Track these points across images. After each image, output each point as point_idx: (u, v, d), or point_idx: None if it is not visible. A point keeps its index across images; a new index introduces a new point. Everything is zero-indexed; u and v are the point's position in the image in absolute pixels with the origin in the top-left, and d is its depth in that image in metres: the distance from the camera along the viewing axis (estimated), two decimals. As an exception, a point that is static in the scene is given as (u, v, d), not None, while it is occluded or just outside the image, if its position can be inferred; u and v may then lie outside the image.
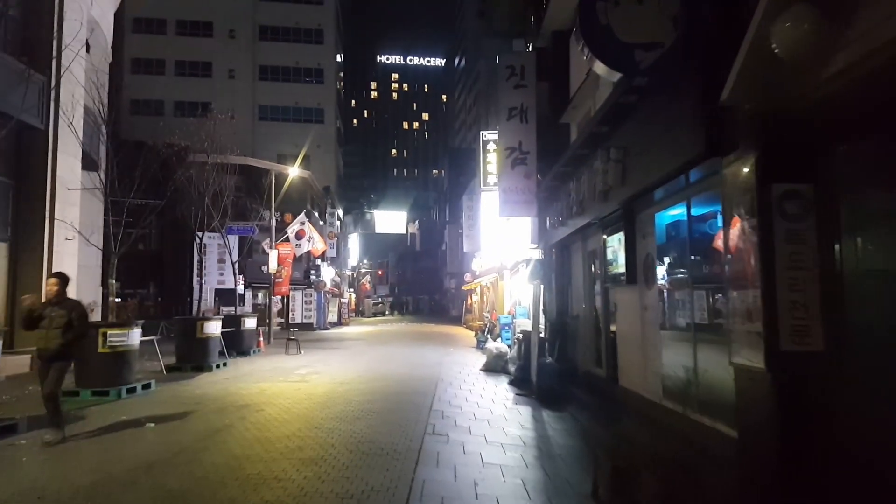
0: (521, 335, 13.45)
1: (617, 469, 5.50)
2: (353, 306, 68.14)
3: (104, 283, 16.33)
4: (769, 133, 4.41)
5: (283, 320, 34.25)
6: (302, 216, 22.04)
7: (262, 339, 19.64)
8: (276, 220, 24.86)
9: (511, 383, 12.38)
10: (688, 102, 5.44)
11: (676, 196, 7.00)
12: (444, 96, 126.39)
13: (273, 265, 21.74)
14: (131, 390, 10.19)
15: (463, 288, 44.48)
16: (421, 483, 5.33)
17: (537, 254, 15.00)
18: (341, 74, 65.70)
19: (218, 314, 27.96)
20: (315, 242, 22.30)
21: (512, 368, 14.05)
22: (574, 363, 11.84)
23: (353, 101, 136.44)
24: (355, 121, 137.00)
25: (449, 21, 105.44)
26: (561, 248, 12.58)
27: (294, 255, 22.62)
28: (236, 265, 20.21)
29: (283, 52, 53.91)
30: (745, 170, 4.61)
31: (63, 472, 5.58)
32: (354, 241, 67.12)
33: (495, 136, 22.44)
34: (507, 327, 20.87)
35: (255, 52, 53.57)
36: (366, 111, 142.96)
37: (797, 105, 4.18)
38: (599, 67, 6.19)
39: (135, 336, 10.39)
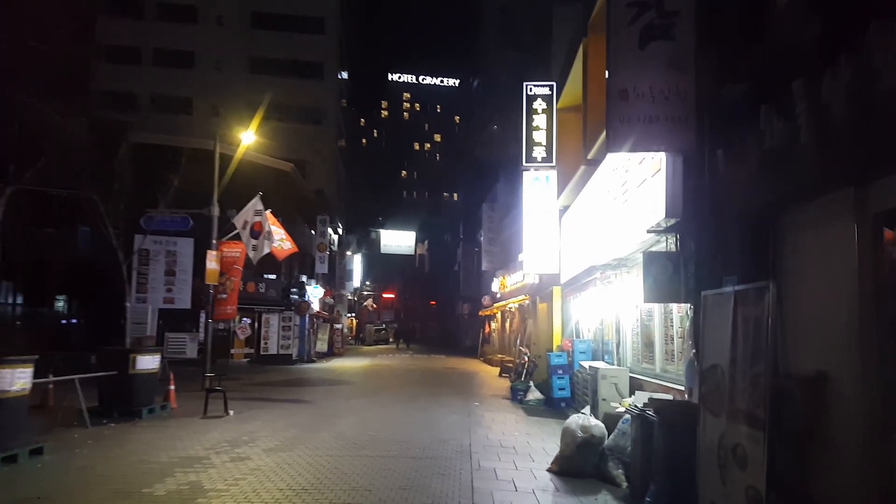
0: (645, 409, 6.14)
1: None
2: (353, 333, 60.93)
3: None
4: None
5: (251, 351, 26.94)
6: (255, 201, 14.83)
7: (173, 387, 12.33)
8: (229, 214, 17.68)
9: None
10: None
11: None
12: (457, 118, 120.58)
13: (212, 271, 14.57)
14: None
15: (480, 314, 37.16)
16: None
17: (654, 242, 7.80)
18: (343, 75, 59.03)
19: (157, 344, 20.91)
20: (276, 240, 15.13)
21: (617, 472, 6.75)
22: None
23: (363, 120, 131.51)
24: (364, 140, 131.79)
25: (464, 39, 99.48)
26: (760, 222, 5.27)
27: (243, 258, 15.43)
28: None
29: (278, 42, 47.25)
30: None
31: None
32: (357, 262, 60.01)
33: (546, 91, 15.40)
34: (560, 371, 13.63)
35: (247, 43, 46.95)
36: (376, 131, 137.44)
37: None
38: None
39: None
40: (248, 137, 16.76)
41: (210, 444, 8.57)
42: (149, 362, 11.34)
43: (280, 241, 15.61)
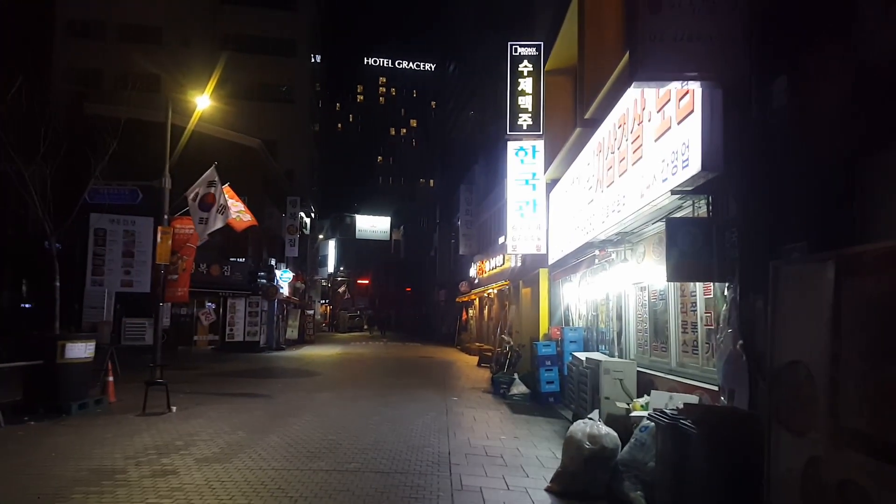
0: (679, 416, 4.78)
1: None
2: (327, 320, 59.31)
3: None
4: None
5: (216, 338, 25.30)
6: (210, 172, 13.21)
7: (111, 378, 10.81)
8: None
9: None
10: None
11: None
12: (433, 103, 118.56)
13: (163, 249, 13.00)
14: None
15: (457, 300, 35.82)
16: None
17: (678, 205, 6.50)
18: (317, 58, 56.89)
19: (110, 329, 19.39)
20: (233, 212, 13.54)
21: (636, 494, 5.38)
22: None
23: (338, 105, 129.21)
24: (340, 125, 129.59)
25: (440, 21, 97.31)
26: (848, 168, 3.92)
27: (198, 236, 13.81)
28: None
29: (248, 18, 45.10)
30: None
31: None
32: (332, 248, 58.28)
33: (532, 51, 13.98)
34: (548, 362, 12.33)
35: (216, 18, 44.68)
36: (351, 115, 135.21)
37: None
38: None
39: None
40: (203, 102, 15.07)
41: (135, 450, 7.06)
42: (81, 350, 9.76)
43: (238, 213, 14.01)
